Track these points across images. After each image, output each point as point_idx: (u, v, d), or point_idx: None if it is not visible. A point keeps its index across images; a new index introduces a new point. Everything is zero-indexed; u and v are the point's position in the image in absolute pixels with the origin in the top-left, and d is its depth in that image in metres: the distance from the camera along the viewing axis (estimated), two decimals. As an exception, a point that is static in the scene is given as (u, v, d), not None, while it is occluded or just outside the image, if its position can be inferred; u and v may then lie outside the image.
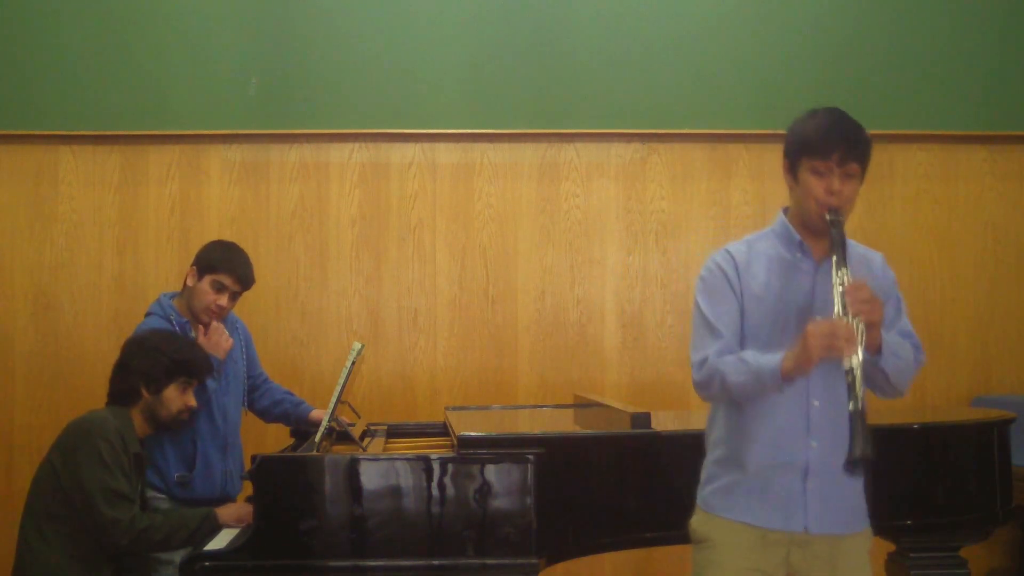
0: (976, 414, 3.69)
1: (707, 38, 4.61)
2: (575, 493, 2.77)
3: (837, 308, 2.06)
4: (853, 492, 2.24)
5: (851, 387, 2.00)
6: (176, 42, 4.49)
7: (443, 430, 3.64)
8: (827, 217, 2.19)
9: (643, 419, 2.89)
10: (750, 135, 4.56)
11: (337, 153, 4.56)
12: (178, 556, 2.73)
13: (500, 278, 4.56)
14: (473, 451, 2.68)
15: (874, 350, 2.12)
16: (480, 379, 4.52)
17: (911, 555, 3.20)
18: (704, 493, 2.34)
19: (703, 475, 2.36)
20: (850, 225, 4.96)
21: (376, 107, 4.52)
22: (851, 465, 2.00)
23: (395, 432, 3.68)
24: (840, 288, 2.08)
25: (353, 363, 3.09)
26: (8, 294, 4.44)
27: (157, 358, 2.88)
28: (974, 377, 4.68)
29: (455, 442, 2.73)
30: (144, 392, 2.87)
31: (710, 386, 2.25)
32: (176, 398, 2.91)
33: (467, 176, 4.58)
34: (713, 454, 2.35)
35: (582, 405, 3.82)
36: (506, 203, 4.59)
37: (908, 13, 4.67)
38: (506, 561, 2.63)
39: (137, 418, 2.88)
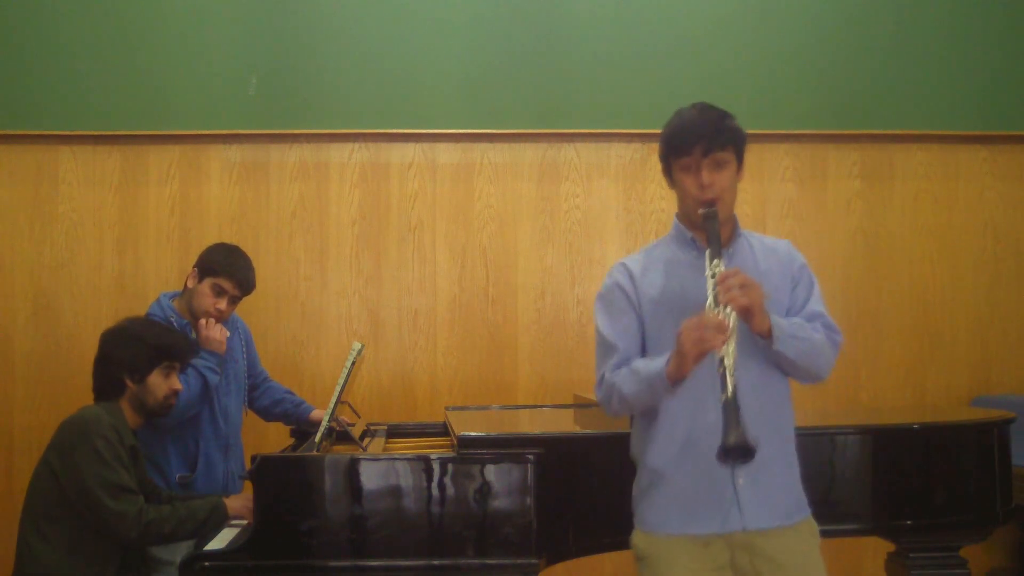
0: (976, 414, 3.69)
1: (707, 38, 4.62)
2: (575, 493, 2.77)
3: (709, 300, 2.06)
4: (785, 481, 2.23)
5: (723, 377, 2.00)
6: (176, 42, 4.49)
7: (443, 430, 3.64)
8: (700, 212, 2.20)
9: (643, 419, 2.88)
10: (750, 135, 4.49)
11: (337, 153, 4.56)
12: (178, 556, 2.73)
13: (500, 278, 4.57)
14: (473, 451, 2.68)
15: (764, 334, 2.12)
16: (480, 379, 4.52)
17: (911, 555, 3.20)
18: (640, 510, 2.31)
19: (634, 490, 2.33)
20: (850, 225, 4.98)
21: (376, 107, 4.52)
22: (724, 454, 1.98)
23: (395, 432, 3.68)
24: (712, 279, 2.08)
25: (353, 363, 3.09)
26: (8, 294, 4.44)
27: (137, 346, 2.86)
28: (974, 377, 4.68)
29: (455, 442, 2.73)
30: (128, 382, 2.85)
31: (610, 401, 2.25)
32: (161, 383, 2.89)
33: (467, 176, 4.58)
34: (640, 468, 2.31)
35: (582, 405, 3.81)
36: (506, 203, 4.59)
37: (908, 13, 4.68)
38: (506, 561, 2.62)
39: (127, 409, 2.86)
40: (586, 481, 2.80)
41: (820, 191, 4.68)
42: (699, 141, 2.22)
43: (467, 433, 2.74)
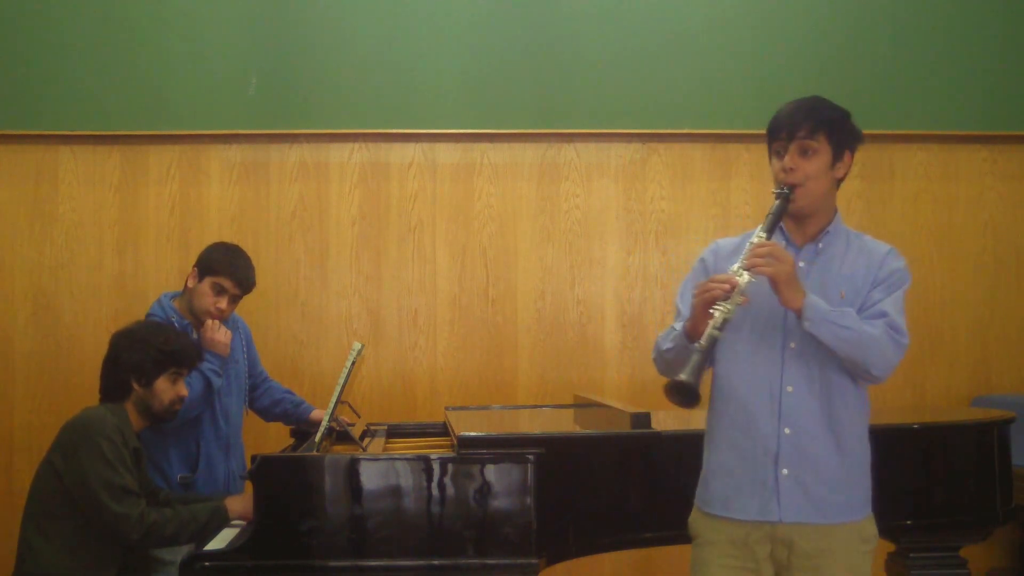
0: (976, 414, 3.69)
1: (707, 38, 4.61)
2: (575, 493, 2.77)
3: (737, 264, 2.13)
4: (835, 479, 2.20)
5: (709, 325, 2.07)
6: (176, 42, 4.49)
7: (443, 430, 3.64)
8: (773, 191, 2.24)
9: (643, 419, 2.89)
10: (750, 135, 4.56)
11: (337, 153, 4.56)
12: (179, 556, 2.73)
13: (500, 278, 4.57)
14: (473, 451, 2.68)
15: (796, 312, 2.13)
16: (480, 379, 4.52)
17: (911, 555, 3.21)
18: (698, 488, 2.36)
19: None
20: (850, 225, 4.96)
21: (376, 107, 4.52)
22: (668, 388, 2.06)
23: (395, 432, 3.68)
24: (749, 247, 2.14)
25: (353, 363, 3.09)
26: (8, 294, 4.44)
27: (146, 350, 2.86)
28: (974, 377, 4.68)
29: (455, 442, 2.73)
30: (135, 385, 2.85)
31: (657, 360, 2.33)
32: (168, 389, 2.89)
33: (467, 176, 4.58)
34: (704, 449, 2.37)
35: (582, 405, 3.81)
36: (506, 203, 4.59)
37: (908, 14, 4.67)
38: (506, 561, 2.62)
39: (131, 412, 2.87)
40: (586, 481, 2.80)
41: (820, 191, 4.66)
42: (785, 126, 2.24)
43: (467, 433, 2.74)
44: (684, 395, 2.05)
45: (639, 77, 4.58)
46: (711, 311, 2.09)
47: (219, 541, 2.72)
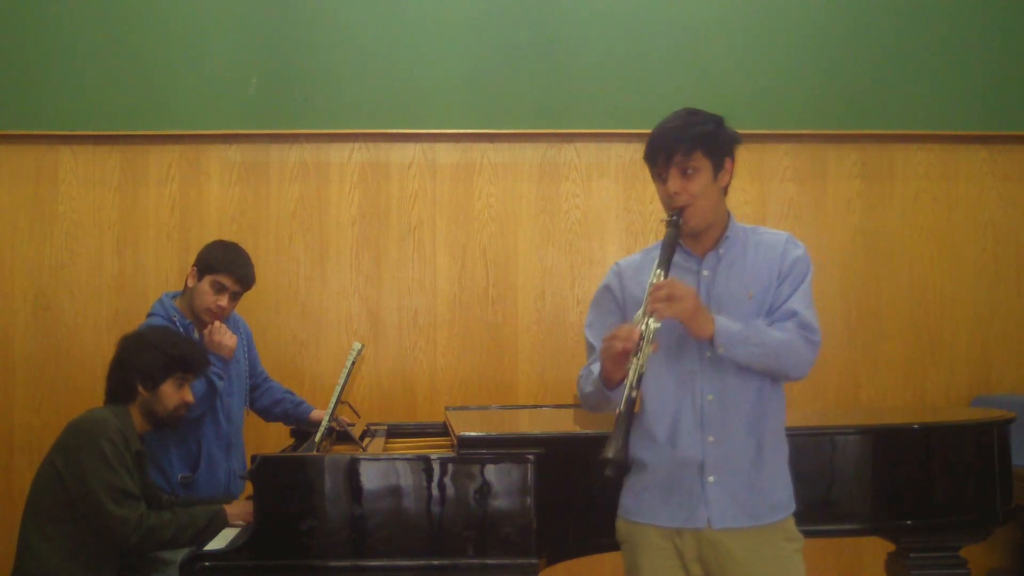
0: (976, 414, 3.69)
1: (707, 38, 4.61)
2: (575, 493, 2.77)
3: (640, 310, 2.12)
4: (757, 482, 2.22)
5: (625, 387, 2.06)
6: (176, 42, 4.49)
7: (443, 430, 3.64)
8: (662, 220, 2.25)
9: (643, 419, 2.88)
10: (750, 135, 4.53)
11: (337, 153, 4.56)
12: (179, 556, 2.73)
13: (500, 278, 4.57)
14: (473, 451, 2.68)
15: (705, 340, 2.15)
16: (480, 379, 4.52)
17: (911, 555, 3.20)
18: (622, 495, 2.36)
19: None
20: (850, 225, 4.98)
21: (376, 107, 4.52)
22: (601, 464, 2.04)
23: (395, 432, 3.68)
24: (649, 288, 2.13)
25: (353, 363, 3.09)
26: (8, 294, 4.44)
27: (153, 355, 2.87)
28: (974, 377, 4.68)
29: (455, 442, 2.73)
30: (141, 389, 2.86)
31: (582, 401, 2.35)
32: (173, 394, 2.89)
33: (467, 176, 4.58)
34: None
35: (582, 405, 3.81)
36: (506, 203, 4.59)
37: (908, 13, 4.67)
38: (506, 561, 2.63)
39: (136, 415, 2.87)
40: (586, 481, 2.80)
41: (820, 191, 4.68)
42: (658, 154, 2.25)
43: (467, 433, 2.74)
44: (614, 468, 2.07)
45: (639, 77, 4.58)
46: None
47: (219, 541, 2.72)
